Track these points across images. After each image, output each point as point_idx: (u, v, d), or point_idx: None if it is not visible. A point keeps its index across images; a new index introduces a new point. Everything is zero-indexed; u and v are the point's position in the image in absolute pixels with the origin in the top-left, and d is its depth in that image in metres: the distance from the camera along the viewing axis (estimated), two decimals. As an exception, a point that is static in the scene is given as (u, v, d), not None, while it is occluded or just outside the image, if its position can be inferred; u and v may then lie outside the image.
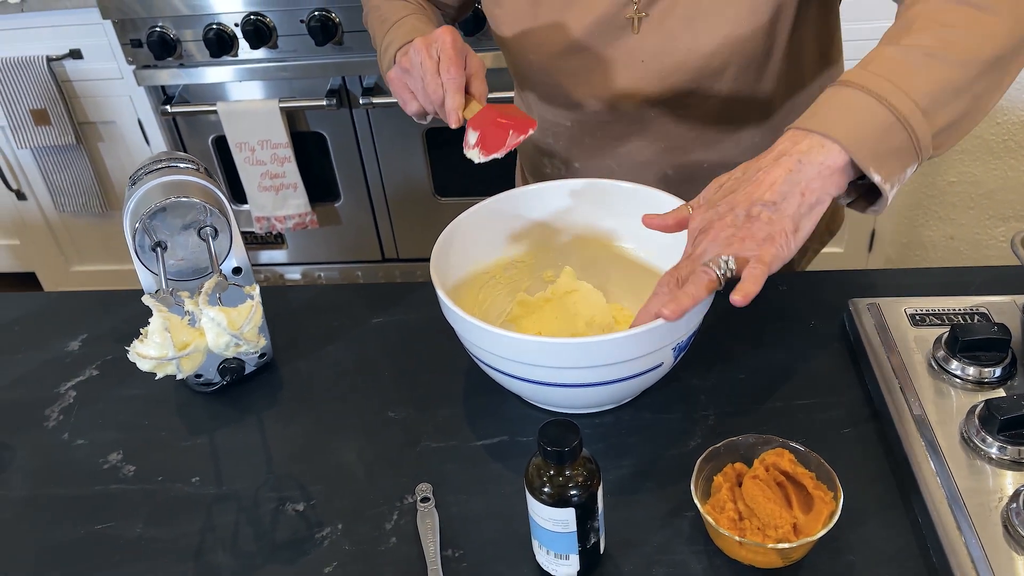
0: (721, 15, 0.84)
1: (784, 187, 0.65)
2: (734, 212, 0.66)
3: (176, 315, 0.68)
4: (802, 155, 0.65)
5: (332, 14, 1.87)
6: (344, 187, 2.16)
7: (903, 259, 2.24)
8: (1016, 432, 0.67)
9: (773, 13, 0.85)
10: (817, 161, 0.65)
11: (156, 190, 0.77)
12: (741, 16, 0.84)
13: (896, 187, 0.66)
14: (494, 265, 0.88)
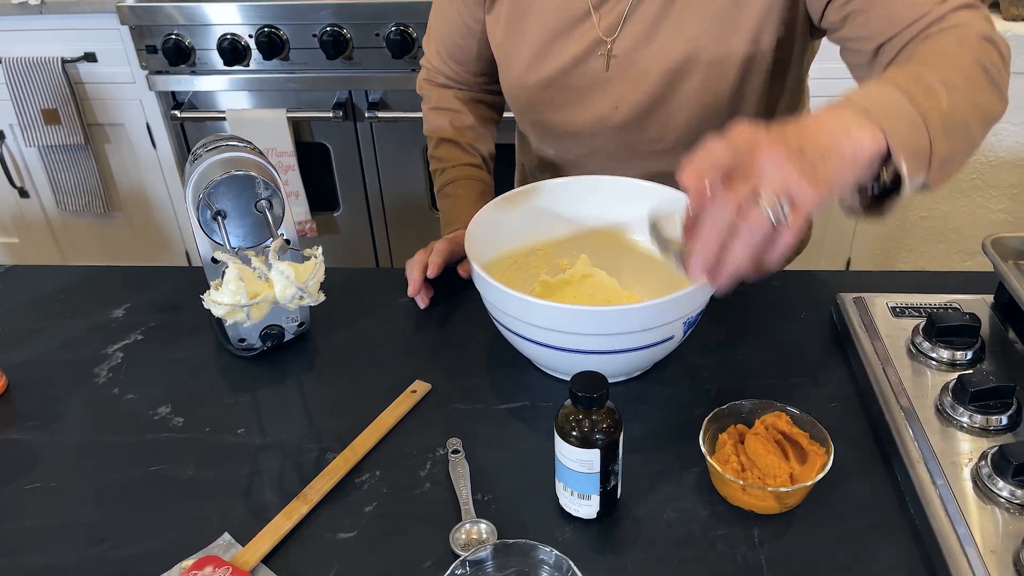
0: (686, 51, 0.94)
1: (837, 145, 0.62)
2: (787, 143, 0.60)
3: (248, 268, 0.75)
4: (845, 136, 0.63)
5: (344, 30, 1.95)
6: (344, 197, 2.24)
7: (875, 288, 2.35)
8: (984, 403, 0.76)
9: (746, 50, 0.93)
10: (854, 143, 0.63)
11: (216, 165, 0.84)
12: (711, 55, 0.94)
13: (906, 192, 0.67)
14: (517, 251, 0.97)
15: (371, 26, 1.95)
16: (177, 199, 2.30)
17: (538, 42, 1.01)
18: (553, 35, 1.00)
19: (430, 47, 1.19)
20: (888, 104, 0.66)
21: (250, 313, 0.75)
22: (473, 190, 1.13)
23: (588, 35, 0.99)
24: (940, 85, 0.69)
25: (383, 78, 2.02)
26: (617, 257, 0.98)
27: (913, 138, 0.66)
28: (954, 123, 0.69)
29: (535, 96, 1.05)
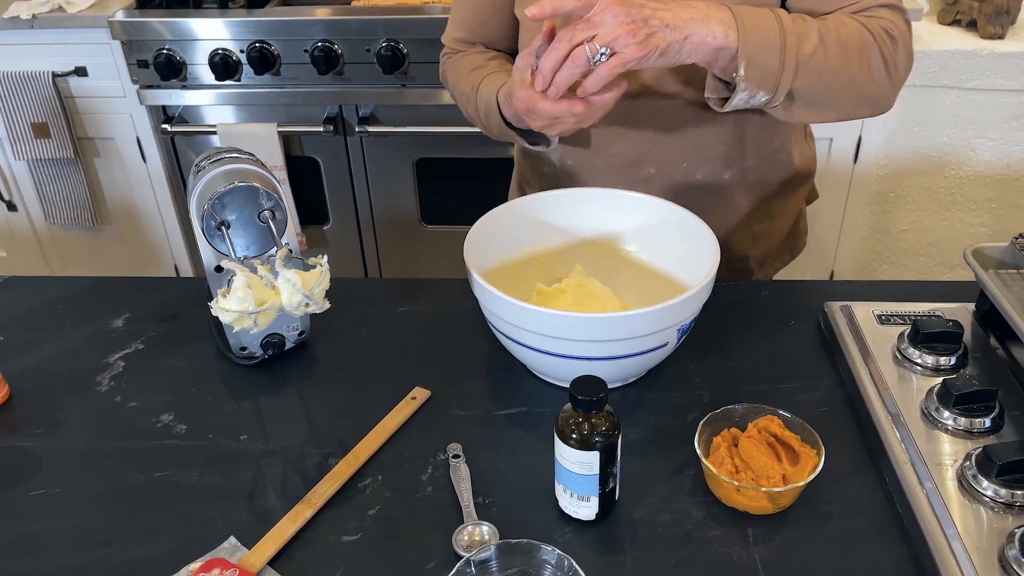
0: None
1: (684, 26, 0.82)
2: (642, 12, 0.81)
3: (255, 276, 0.77)
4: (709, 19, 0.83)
5: (335, 45, 1.97)
6: (334, 211, 2.25)
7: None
8: (968, 406, 0.79)
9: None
10: (712, 31, 0.83)
11: (219, 177, 0.86)
12: None
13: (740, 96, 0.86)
14: (513, 261, 0.99)
15: (362, 42, 1.97)
16: (167, 212, 2.30)
17: None
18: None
19: (455, 33, 1.16)
20: (758, 21, 0.85)
21: (257, 320, 0.76)
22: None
23: None
24: (817, 37, 0.86)
25: (374, 93, 2.04)
26: (611, 267, 1.01)
27: (763, 56, 0.84)
28: (814, 69, 0.86)
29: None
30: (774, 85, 0.86)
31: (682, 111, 1.05)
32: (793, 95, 0.88)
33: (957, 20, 2.05)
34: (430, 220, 2.25)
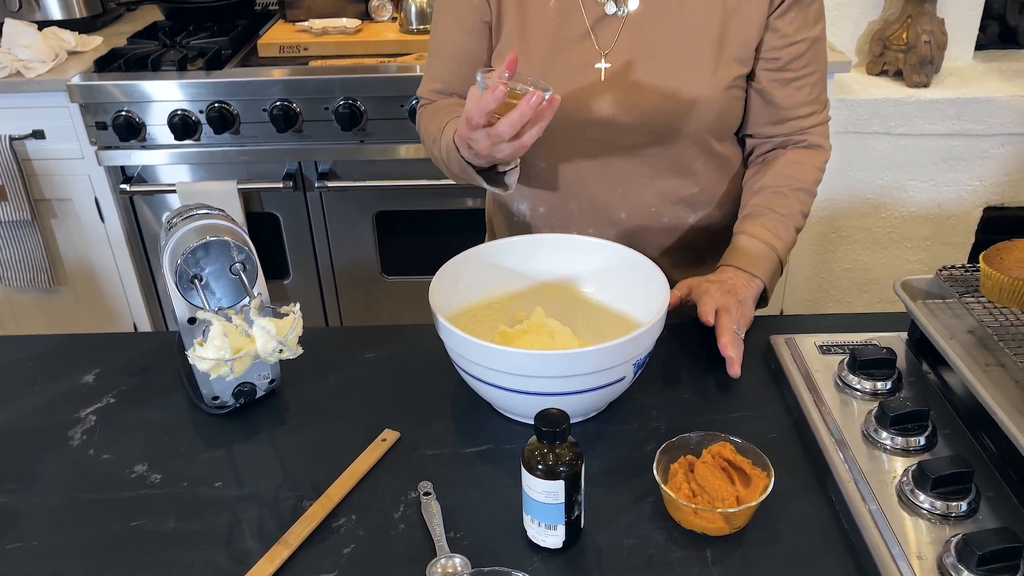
0: (678, 82, 1.07)
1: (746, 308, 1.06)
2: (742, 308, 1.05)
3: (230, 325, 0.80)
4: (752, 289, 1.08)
5: (294, 104, 2.02)
6: (294, 265, 2.28)
7: (807, 337, 2.48)
8: (903, 426, 0.85)
9: (729, 81, 1.09)
10: (755, 291, 1.09)
11: (191, 233, 0.90)
12: (700, 79, 1.08)
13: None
14: (476, 305, 1.04)
15: (320, 100, 2.02)
16: (125, 271, 2.31)
17: (539, 59, 1.11)
18: (552, 52, 1.11)
19: (432, 85, 1.23)
20: (766, 266, 1.11)
21: (233, 367, 0.79)
22: None
23: (587, 52, 1.10)
24: (795, 230, 1.15)
25: (332, 149, 2.09)
26: (570, 308, 1.06)
27: (775, 279, 1.14)
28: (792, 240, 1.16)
29: None
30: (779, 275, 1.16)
31: (652, 160, 1.14)
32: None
33: (884, 70, 2.18)
34: (390, 271, 2.29)
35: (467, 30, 1.16)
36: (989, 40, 2.31)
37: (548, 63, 1.11)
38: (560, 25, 1.11)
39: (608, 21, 1.10)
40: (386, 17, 2.26)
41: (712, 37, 1.09)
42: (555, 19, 1.11)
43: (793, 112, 1.16)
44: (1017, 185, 2.19)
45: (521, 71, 0.96)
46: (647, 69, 1.10)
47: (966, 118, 2.09)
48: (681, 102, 1.09)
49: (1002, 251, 0.91)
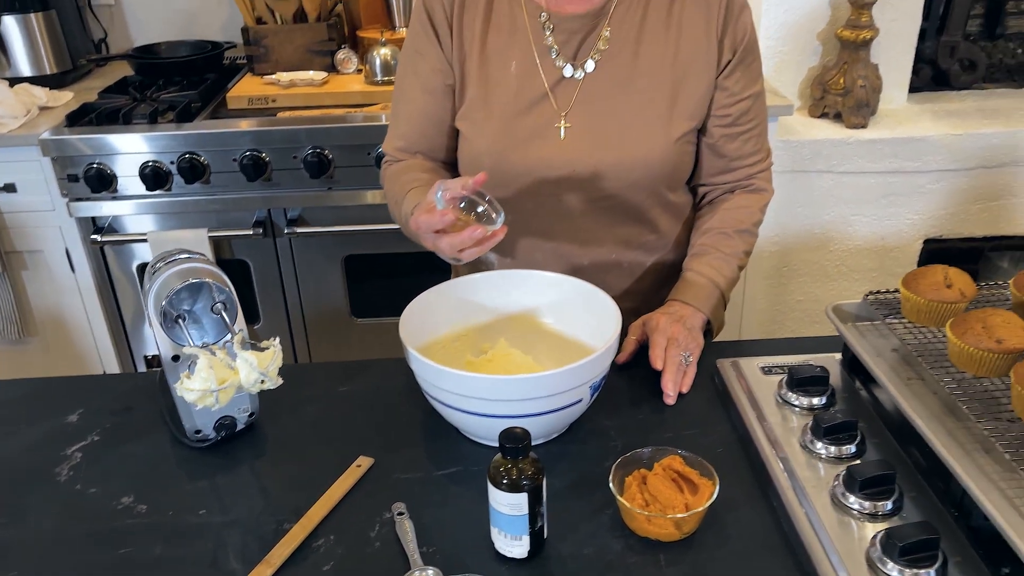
0: (633, 138, 1.16)
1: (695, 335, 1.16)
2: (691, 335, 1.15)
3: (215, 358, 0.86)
4: (697, 320, 1.18)
5: (263, 154, 2.09)
6: (264, 311, 2.33)
7: (764, 367, 2.57)
8: (835, 437, 0.93)
9: (681, 137, 1.19)
10: (700, 322, 1.18)
11: (174, 276, 0.96)
12: (655, 136, 1.17)
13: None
14: (444, 338, 1.11)
15: (289, 150, 2.10)
16: (95, 319, 2.33)
17: (501, 120, 1.19)
18: (515, 114, 1.19)
19: (396, 143, 1.29)
20: (709, 302, 1.21)
21: (219, 397, 0.85)
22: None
23: (546, 112, 1.19)
24: (738, 268, 1.25)
25: (301, 196, 2.15)
26: (531, 338, 1.13)
27: (719, 312, 1.23)
28: (735, 276, 1.25)
29: (497, 161, 1.20)
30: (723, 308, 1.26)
31: (611, 211, 1.22)
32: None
33: (825, 113, 2.31)
34: (360, 314, 2.35)
35: (430, 91, 1.23)
36: (922, 83, 2.45)
37: (510, 124, 1.19)
38: (521, 88, 1.19)
39: (566, 83, 1.19)
40: (351, 69, 2.35)
41: (665, 96, 1.18)
42: (516, 82, 1.19)
43: (742, 162, 1.26)
44: (953, 218, 2.32)
45: (485, 189, 1.02)
46: (604, 128, 1.18)
47: (902, 156, 2.21)
48: (637, 158, 1.18)
49: (918, 276, 1.00)
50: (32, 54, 2.37)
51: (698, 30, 1.18)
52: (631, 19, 1.18)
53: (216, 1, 2.62)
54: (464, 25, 1.20)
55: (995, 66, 2.53)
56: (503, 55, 1.20)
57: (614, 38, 1.18)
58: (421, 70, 1.23)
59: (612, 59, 1.18)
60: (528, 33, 1.19)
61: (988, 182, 2.27)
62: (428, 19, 1.21)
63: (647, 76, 1.18)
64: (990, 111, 2.31)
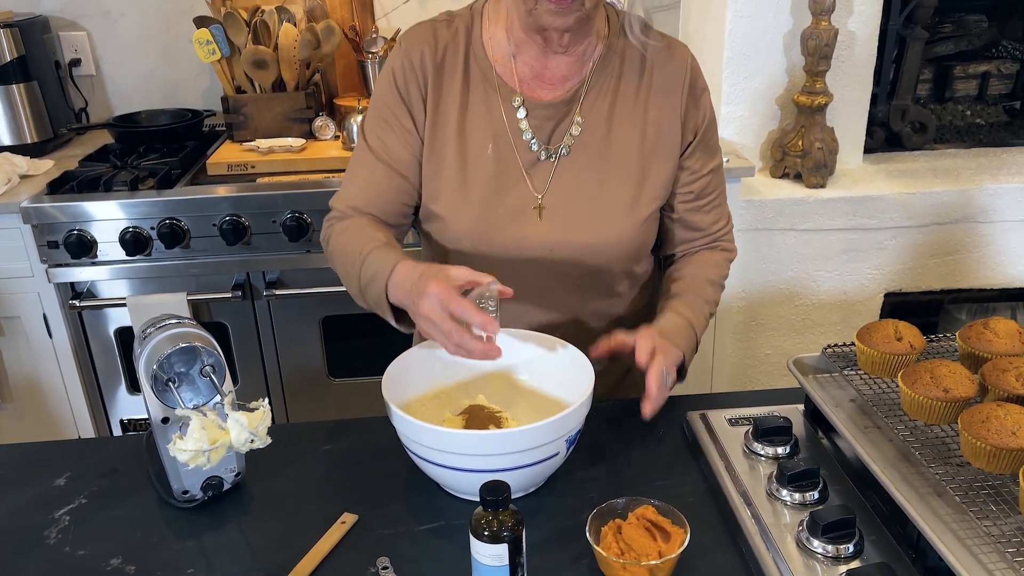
0: (606, 220, 1.22)
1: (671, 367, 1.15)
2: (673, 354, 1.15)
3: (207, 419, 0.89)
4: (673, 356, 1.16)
5: (243, 218, 2.13)
6: (242, 372, 2.34)
7: (735, 420, 2.63)
8: (799, 484, 0.98)
9: (648, 216, 1.25)
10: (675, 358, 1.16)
11: (164, 342, 1.00)
12: (626, 216, 1.23)
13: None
14: (425, 395, 1.15)
15: (268, 214, 2.14)
16: (71, 384, 2.33)
17: (480, 202, 1.22)
18: (493, 195, 1.22)
19: (350, 202, 1.26)
20: (687, 340, 1.21)
21: (210, 456, 0.89)
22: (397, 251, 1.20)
23: (523, 194, 1.23)
24: (708, 315, 1.27)
25: (280, 259, 2.19)
26: (509, 395, 1.18)
27: (692, 354, 1.23)
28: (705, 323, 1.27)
29: (475, 243, 1.23)
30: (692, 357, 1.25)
31: (584, 287, 1.28)
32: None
33: (786, 173, 2.41)
34: (337, 374, 2.37)
35: (396, 161, 1.24)
36: (876, 144, 2.57)
37: (488, 206, 1.23)
38: (498, 170, 1.23)
39: (541, 165, 1.24)
40: (329, 136, 2.42)
41: (634, 178, 1.24)
42: (493, 165, 1.23)
43: (707, 230, 1.33)
44: (911, 272, 2.42)
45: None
46: (580, 210, 1.23)
47: (860, 214, 2.31)
48: (611, 238, 1.24)
49: (871, 330, 1.06)
50: (13, 124, 2.42)
51: (663, 114, 1.25)
52: (601, 105, 1.24)
53: (196, 71, 2.69)
54: (440, 105, 1.23)
55: (945, 127, 2.66)
56: (480, 137, 1.23)
57: (586, 123, 1.24)
58: (388, 140, 1.24)
59: (584, 144, 1.24)
60: (503, 116, 1.23)
61: (942, 238, 2.37)
62: (399, 94, 1.24)
63: (617, 159, 1.23)
64: (941, 171, 2.42)
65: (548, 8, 1.12)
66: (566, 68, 1.23)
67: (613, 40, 1.25)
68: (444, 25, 1.27)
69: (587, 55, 1.24)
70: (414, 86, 1.23)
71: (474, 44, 1.25)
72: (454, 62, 1.24)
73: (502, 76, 1.24)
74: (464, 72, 1.24)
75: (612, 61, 1.25)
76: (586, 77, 1.24)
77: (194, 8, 2.59)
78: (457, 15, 1.28)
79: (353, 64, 2.62)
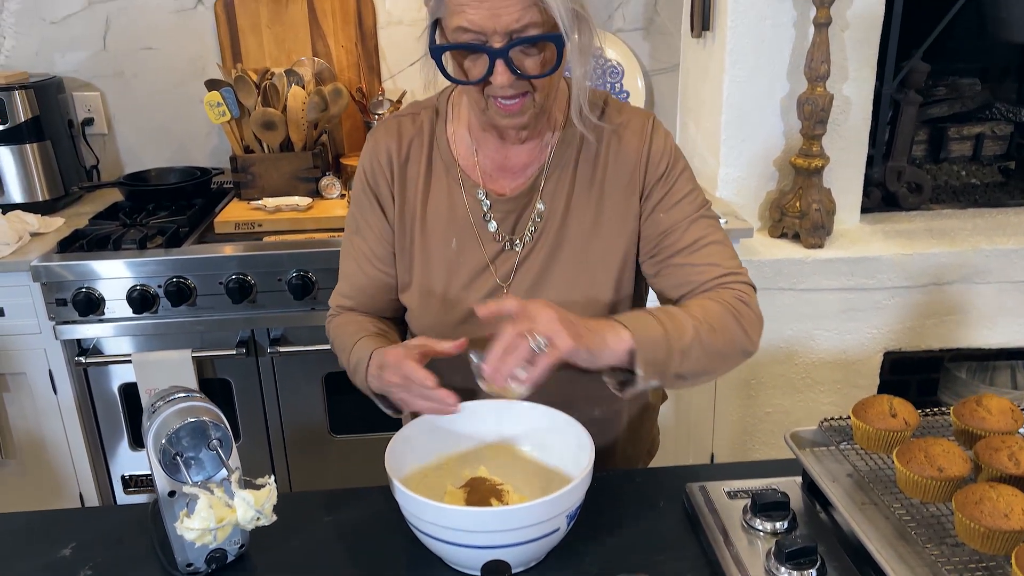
0: (569, 305, 1.19)
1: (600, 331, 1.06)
2: (568, 316, 1.04)
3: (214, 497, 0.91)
4: (604, 328, 1.07)
5: (249, 276, 2.16)
6: (244, 428, 2.35)
7: (737, 479, 2.62)
8: (797, 561, 0.99)
9: (611, 297, 1.24)
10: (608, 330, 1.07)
11: (173, 416, 1.02)
12: (588, 304, 1.23)
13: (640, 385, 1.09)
14: (427, 466, 1.17)
15: (274, 273, 2.17)
16: (75, 441, 2.34)
17: (443, 298, 1.25)
18: (459, 285, 1.25)
19: (342, 301, 1.34)
20: (645, 327, 1.09)
21: (217, 535, 0.90)
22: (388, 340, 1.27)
23: (487, 284, 1.25)
24: (692, 330, 1.11)
25: (284, 316, 2.22)
26: (510, 466, 1.19)
27: (653, 353, 1.08)
28: (693, 355, 1.11)
29: (447, 332, 1.23)
30: (662, 372, 1.09)
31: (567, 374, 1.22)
32: (681, 376, 1.12)
33: (784, 233, 2.44)
34: (338, 430, 2.38)
35: (378, 258, 1.28)
36: (873, 204, 2.61)
37: (453, 300, 1.25)
38: (462, 263, 1.24)
39: (505, 255, 1.24)
40: (335, 195, 2.47)
41: (594, 262, 1.23)
42: (457, 259, 1.24)
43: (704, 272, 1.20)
44: (911, 332, 2.43)
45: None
46: (544, 296, 1.21)
47: (858, 274, 2.34)
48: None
49: (866, 405, 1.08)
50: (26, 182, 2.46)
51: (618, 191, 1.23)
52: (560, 191, 1.23)
53: (205, 130, 2.75)
54: (406, 200, 1.26)
55: (941, 188, 2.71)
56: (444, 232, 1.25)
57: (547, 210, 1.23)
58: (367, 236, 1.29)
59: (545, 231, 1.23)
60: (467, 210, 1.24)
61: (940, 298, 2.39)
62: (371, 191, 1.28)
63: (574, 244, 1.23)
64: (938, 231, 2.46)
65: (499, 111, 1.13)
66: (526, 156, 1.24)
67: (570, 125, 1.23)
68: (409, 120, 1.28)
69: (546, 140, 1.24)
70: (383, 182, 1.28)
71: (438, 137, 1.27)
72: (418, 157, 1.27)
73: (465, 170, 1.26)
74: (428, 166, 1.27)
75: (570, 146, 1.24)
76: (545, 163, 1.24)
77: (205, 71, 2.66)
78: (423, 107, 1.30)
79: (360, 124, 2.68)
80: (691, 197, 1.24)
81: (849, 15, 2.27)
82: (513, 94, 1.11)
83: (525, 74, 1.09)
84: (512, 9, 1.03)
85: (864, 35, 2.30)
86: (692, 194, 1.25)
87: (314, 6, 2.63)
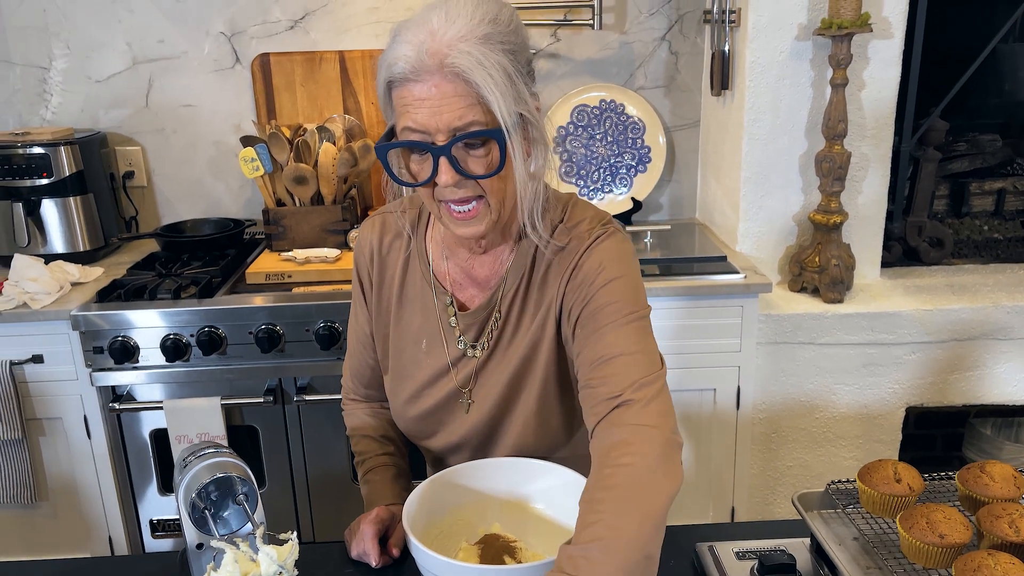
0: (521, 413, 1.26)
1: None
2: None
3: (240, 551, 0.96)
4: None
5: (278, 327, 2.23)
6: (270, 475, 2.40)
7: (758, 533, 2.60)
8: (802, 624, 1.01)
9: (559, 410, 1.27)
10: None
11: (203, 471, 1.07)
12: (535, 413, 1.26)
13: None
14: (442, 522, 1.20)
15: (302, 323, 2.24)
16: (106, 486, 2.39)
17: (412, 388, 1.31)
18: (423, 385, 1.30)
19: (347, 375, 1.47)
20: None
21: (240, 589, 0.94)
22: (388, 474, 1.37)
23: (448, 386, 1.29)
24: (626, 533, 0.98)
25: (311, 366, 2.27)
26: (524, 523, 1.23)
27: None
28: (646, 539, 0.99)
29: (411, 426, 1.34)
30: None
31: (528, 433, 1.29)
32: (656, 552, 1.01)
33: (804, 288, 2.47)
34: (362, 479, 2.41)
35: (367, 342, 1.38)
36: (894, 258, 2.62)
37: (418, 396, 1.30)
38: (428, 363, 1.29)
39: (466, 361, 1.27)
40: (362, 247, 2.53)
41: (542, 373, 1.24)
42: (425, 359, 1.29)
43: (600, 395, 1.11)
44: (932, 387, 2.43)
45: None
46: (501, 404, 1.26)
47: (878, 329, 2.35)
48: (535, 427, 1.26)
49: (871, 470, 1.10)
50: (68, 233, 2.56)
51: (554, 306, 1.21)
52: (514, 304, 1.24)
53: (239, 183, 2.84)
54: (382, 297, 1.33)
55: (962, 242, 2.72)
56: (415, 332, 1.30)
57: (503, 320, 1.25)
58: (361, 322, 1.38)
59: (503, 341, 1.26)
60: (436, 314, 1.28)
61: (962, 354, 2.40)
62: (360, 281, 1.36)
63: (520, 354, 1.24)
64: (959, 287, 2.47)
65: (452, 219, 1.14)
66: (488, 268, 1.26)
67: (524, 239, 1.23)
68: (395, 217, 1.32)
69: (505, 253, 1.25)
70: (365, 275, 1.36)
71: (418, 239, 1.31)
72: (397, 257, 1.32)
73: (438, 276, 1.29)
74: (404, 266, 1.31)
75: (526, 256, 1.23)
76: (503, 277, 1.25)
77: (241, 127, 2.77)
78: (411, 206, 1.31)
79: (387, 178, 2.76)
80: (613, 308, 1.14)
81: (865, 76, 2.32)
82: (463, 197, 1.11)
83: (469, 173, 1.08)
84: (454, 107, 1.03)
85: (881, 95, 2.34)
86: (614, 305, 1.14)
87: (346, 65, 2.73)
